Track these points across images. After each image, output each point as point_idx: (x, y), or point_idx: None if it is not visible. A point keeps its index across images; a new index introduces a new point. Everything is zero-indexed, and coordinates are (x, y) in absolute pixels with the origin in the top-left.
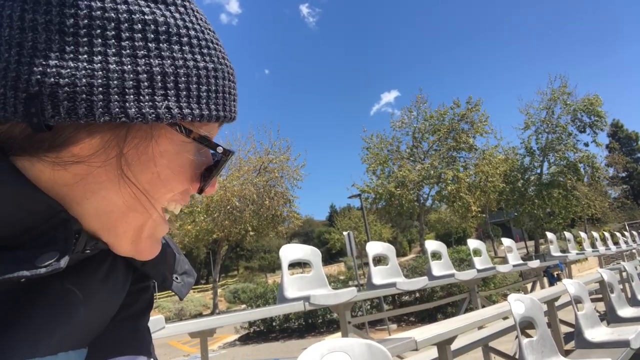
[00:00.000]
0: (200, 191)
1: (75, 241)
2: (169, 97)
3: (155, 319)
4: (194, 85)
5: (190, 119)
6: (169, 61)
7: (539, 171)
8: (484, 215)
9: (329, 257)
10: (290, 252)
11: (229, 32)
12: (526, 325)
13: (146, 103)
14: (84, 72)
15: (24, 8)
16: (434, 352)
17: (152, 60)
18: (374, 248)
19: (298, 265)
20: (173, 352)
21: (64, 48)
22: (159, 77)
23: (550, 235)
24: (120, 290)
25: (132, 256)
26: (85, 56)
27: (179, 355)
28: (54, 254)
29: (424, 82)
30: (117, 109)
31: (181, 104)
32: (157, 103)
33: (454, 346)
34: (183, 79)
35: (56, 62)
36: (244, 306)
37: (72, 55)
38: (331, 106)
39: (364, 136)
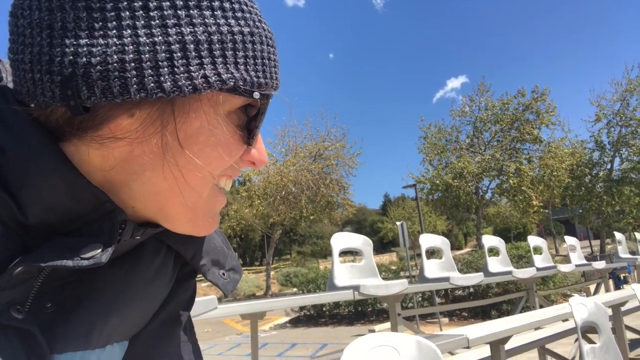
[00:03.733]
0: (252, 163)
1: (122, 231)
2: (205, 66)
3: (207, 299)
4: (230, 52)
5: (232, 83)
6: (200, 28)
7: (609, 167)
8: (546, 210)
9: (381, 247)
10: (342, 240)
11: (295, 14)
12: (587, 330)
13: (182, 75)
14: (114, 48)
15: None
16: (486, 350)
17: (183, 29)
18: (427, 240)
19: (349, 253)
20: (227, 330)
21: (93, 25)
22: (192, 45)
23: (618, 235)
24: (167, 284)
25: (190, 233)
26: (115, 31)
27: (232, 333)
28: (99, 245)
29: (494, 69)
30: (152, 84)
31: (219, 70)
32: (192, 73)
33: (508, 346)
34: (217, 45)
35: (86, 40)
36: (295, 289)
37: (101, 32)
38: (392, 93)
39: (422, 125)
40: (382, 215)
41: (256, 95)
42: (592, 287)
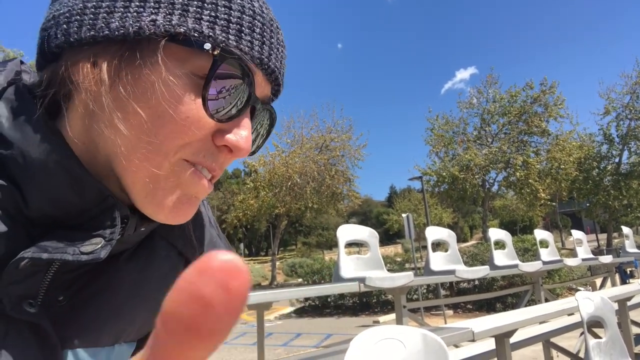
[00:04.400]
0: (229, 150)
1: (125, 225)
2: (159, 13)
3: None
4: (194, 8)
5: (182, 30)
6: None
7: (617, 160)
8: (553, 204)
9: (386, 238)
10: (348, 232)
11: (302, 3)
12: (593, 324)
13: (131, 18)
14: None
15: None
16: (491, 343)
17: None
18: (433, 233)
19: (355, 244)
20: None
21: None
22: None
23: (626, 229)
24: None
25: (153, 216)
26: None
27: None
28: (99, 240)
29: (504, 60)
30: (101, 24)
31: (171, 18)
32: (142, 16)
33: (513, 339)
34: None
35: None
36: (300, 280)
37: None
38: (401, 84)
39: (429, 117)
40: (388, 207)
41: (207, 46)
42: (598, 282)
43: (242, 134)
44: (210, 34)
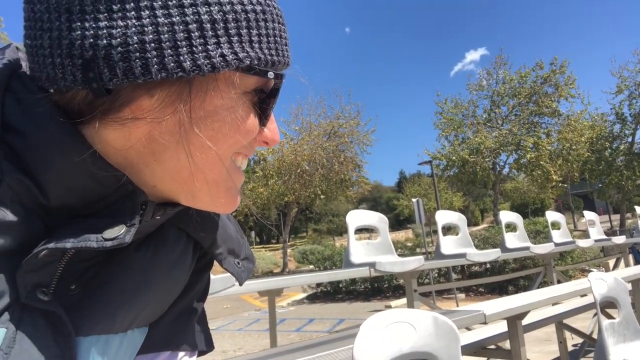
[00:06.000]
0: (265, 143)
1: (143, 212)
2: (222, 45)
3: (226, 277)
4: (244, 30)
5: (248, 62)
6: (216, 7)
7: (630, 140)
8: (565, 185)
9: (397, 224)
10: (357, 218)
11: None
12: (606, 305)
13: (200, 54)
14: (134, 29)
15: None
16: (503, 325)
17: (199, 9)
18: (444, 217)
19: (365, 230)
20: (246, 306)
21: (111, 7)
22: (208, 25)
23: (639, 209)
24: (186, 272)
25: (213, 210)
26: (133, 13)
27: (251, 309)
28: (121, 226)
29: (515, 40)
30: (172, 64)
31: (235, 49)
32: (210, 52)
33: (525, 321)
34: (233, 24)
35: (106, 22)
36: (312, 267)
37: (120, 14)
38: (410, 67)
39: (438, 100)
40: (398, 192)
41: (270, 75)
42: (611, 262)
43: (273, 127)
44: (269, 59)
